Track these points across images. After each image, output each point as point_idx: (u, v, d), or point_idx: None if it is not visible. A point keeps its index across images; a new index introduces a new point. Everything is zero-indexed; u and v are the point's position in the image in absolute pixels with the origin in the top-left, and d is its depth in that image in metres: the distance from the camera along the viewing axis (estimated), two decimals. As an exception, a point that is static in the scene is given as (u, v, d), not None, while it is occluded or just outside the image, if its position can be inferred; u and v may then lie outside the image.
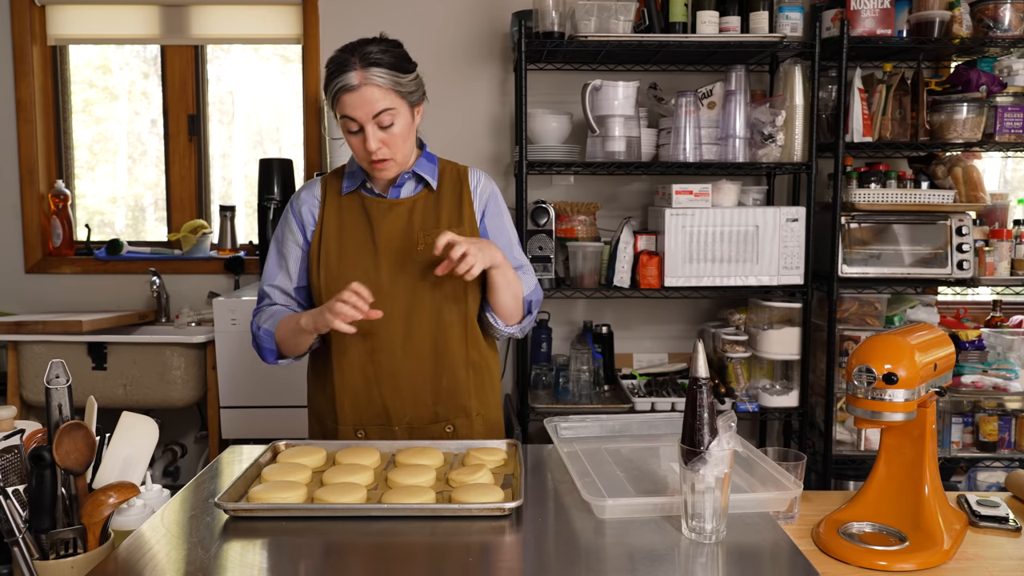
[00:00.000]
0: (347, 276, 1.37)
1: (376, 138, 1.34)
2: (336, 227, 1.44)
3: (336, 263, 1.42)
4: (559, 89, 2.75)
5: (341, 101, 1.32)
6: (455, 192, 1.47)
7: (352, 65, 1.30)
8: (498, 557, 0.95)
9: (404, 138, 1.37)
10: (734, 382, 2.53)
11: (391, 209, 1.43)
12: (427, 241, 1.41)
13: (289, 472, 1.16)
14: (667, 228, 2.36)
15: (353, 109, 1.32)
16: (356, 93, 1.30)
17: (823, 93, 2.44)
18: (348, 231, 1.44)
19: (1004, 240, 2.44)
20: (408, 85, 1.35)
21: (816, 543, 1.07)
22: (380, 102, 1.32)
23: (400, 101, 1.34)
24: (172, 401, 2.51)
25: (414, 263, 1.41)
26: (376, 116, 1.32)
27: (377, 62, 1.31)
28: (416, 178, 1.46)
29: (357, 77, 1.30)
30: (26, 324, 2.47)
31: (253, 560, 0.94)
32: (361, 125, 1.33)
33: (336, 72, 1.31)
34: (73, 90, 3.01)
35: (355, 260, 1.42)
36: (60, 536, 0.97)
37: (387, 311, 1.37)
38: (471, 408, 1.47)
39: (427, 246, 1.40)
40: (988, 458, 2.49)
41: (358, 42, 1.34)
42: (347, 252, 1.43)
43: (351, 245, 1.43)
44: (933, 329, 1.14)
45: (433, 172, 1.47)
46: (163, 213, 3.03)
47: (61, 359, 1.03)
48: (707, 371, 1.00)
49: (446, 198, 1.46)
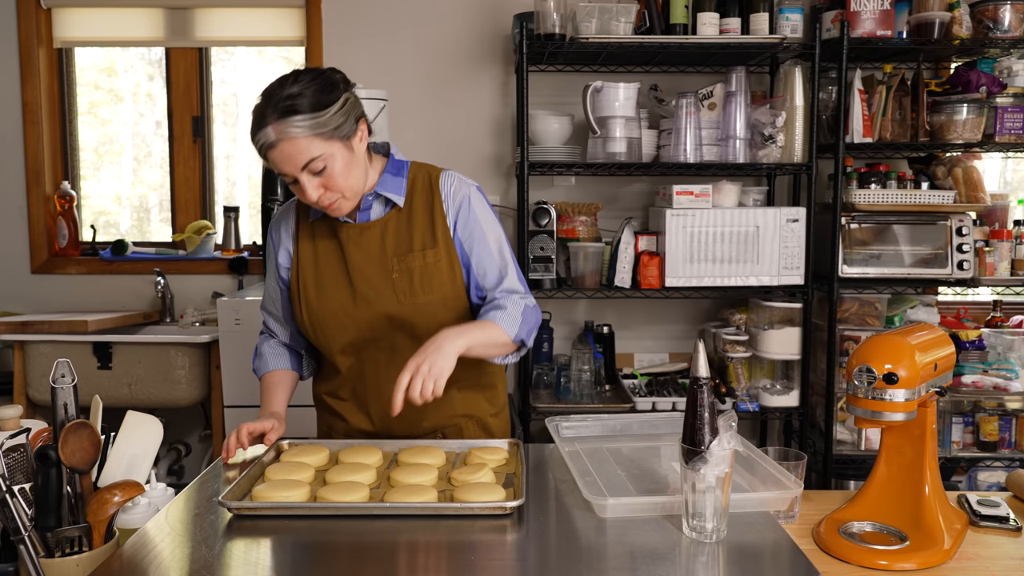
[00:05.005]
0: (326, 313, 1.36)
1: (313, 186, 1.24)
2: (312, 258, 1.39)
3: (315, 299, 1.38)
4: (560, 90, 2.75)
5: (267, 158, 1.22)
6: (426, 205, 1.37)
7: (268, 118, 1.19)
8: (500, 556, 0.95)
9: (345, 176, 1.26)
10: (735, 382, 2.53)
11: (362, 234, 1.35)
12: (401, 268, 1.34)
13: (292, 471, 1.17)
14: (668, 228, 2.36)
15: (279, 165, 1.22)
16: (277, 149, 1.20)
17: (823, 94, 2.44)
18: (323, 262, 1.38)
19: (1004, 240, 2.44)
20: (333, 120, 1.22)
21: (817, 542, 1.08)
22: (303, 153, 1.21)
23: (327, 143, 1.22)
24: (176, 400, 2.52)
25: (391, 292, 1.34)
26: (304, 168, 1.22)
27: (292, 109, 1.19)
28: (382, 199, 1.36)
29: (274, 132, 1.19)
30: (32, 324, 2.48)
31: (256, 558, 0.95)
32: (294, 177, 1.24)
33: (254, 127, 1.21)
34: (79, 92, 3.02)
35: (332, 293, 1.37)
36: (65, 534, 0.98)
37: (369, 344, 1.37)
38: (465, 428, 1.45)
39: (402, 273, 1.34)
40: (988, 458, 2.49)
41: (274, 86, 1.22)
42: (324, 286, 1.38)
43: (327, 277, 1.38)
44: (933, 329, 1.14)
45: (400, 187, 1.36)
46: (168, 214, 3.05)
47: (67, 359, 1.04)
48: (708, 371, 1.01)
49: (418, 214, 1.36)
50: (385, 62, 2.80)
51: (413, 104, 2.80)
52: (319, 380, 1.52)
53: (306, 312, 1.38)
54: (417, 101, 2.80)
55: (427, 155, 2.80)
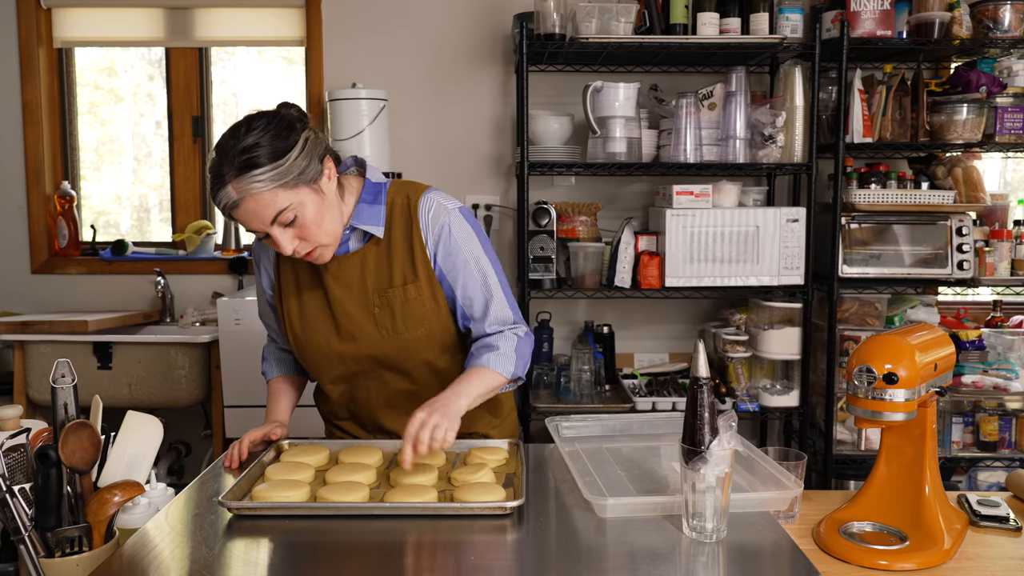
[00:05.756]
0: (312, 347, 1.34)
1: (287, 239, 1.18)
2: (294, 288, 1.35)
3: (301, 331, 1.35)
4: (560, 90, 2.75)
5: (232, 217, 1.16)
6: (405, 236, 1.30)
7: (226, 177, 1.12)
8: (500, 556, 0.95)
9: (319, 223, 1.19)
10: (735, 382, 2.53)
11: (340, 267, 1.30)
12: (383, 303, 1.30)
13: (292, 471, 1.17)
14: (668, 228, 2.36)
15: (247, 223, 1.16)
16: (241, 208, 1.14)
17: (823, 94, 2.44)
18: (305, 294, 1.34)
19: (1004, 240, 2.44)
20: (296, 166, 1.15)
21: (817, 542, 1.08)
22: (269, 208, 1.14)
23: (294, 191, 1.15)
24: (177, 400, 2.52)
25: (374, 327, 1.30)
26: (273, 222, 1.16)
27: (249, 163, 1.12)
28: (360, 231, 1.30)
29: (235, 190, 1.12)
30: (32, 324, 2.48)
31: (256, 558, 0.95)
32: (265, 232, 1.18)
33: (213, 186, 1.14)
34: (79, 92, 3.02)
35: (316, 328, 1.33)
36: (66, 534, 0.98)
37: (357, 376, 1.37)
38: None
39: (383, 308, 1.30)
40: (988, 458, 2.49)
41: (226, 137, 1.15)
42: (308, 319, 1.34)
43: (310, 309, 1.34)
44: (933, 329, 1.14)
45: (378, 216, 1.28)
46: (168, 214, 3.05)
47: (67, 359, 1.04)
48: (708, 371, 1.01)
49: (397, 245, 1.30)
50: (385, 62, 2.80)
51: (413, 104, 2.80)
52: (319, 398, 1.52)
53: (293, 342, 1.38)
54: (417, 101, 2.80)
55: (427, 155, 2.82)
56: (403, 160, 2.80)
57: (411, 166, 2.81)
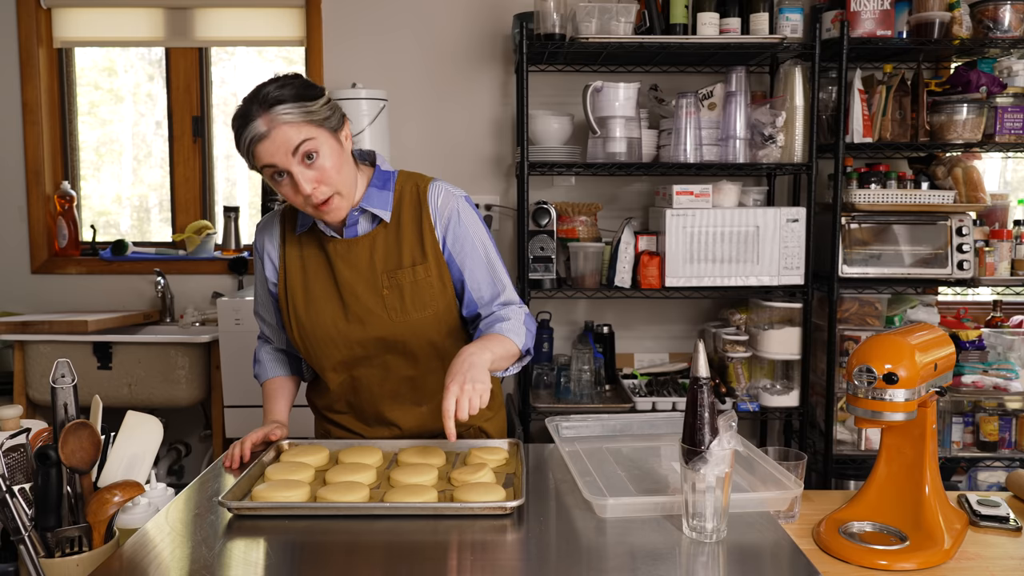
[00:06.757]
0: (318, 330, 1.35)
1: (306, 178, 1.22)
2: (300, 273, 1.38)
3: (305, 316, 1.37)
4: (560, 90, 2.75)
5: (256, 153, 1.21)
6: (415, 219, 1.35)
7: (255, 113, 1.20)
8: (500, 556, 0.95)
9: (338, 169, 1.25)
10: (735, 382, 2.53)
11: (350, 250, 1.34)
12: (392, 284, 1.33)
13: (292, 471, 1.17)
14: (668, 228, 2.36)
15: (271, 156, 1.21)
16: (268, 139, 1.20)
17: (823, 94, 2.44)
18: (312, 277, 1.37)
19: (1004, 240, 2.44)
20: (320, 111, 1.23)
21: (817, 542, 1.08)
22: (295, 137, 1.20)
23: (317, 130, 1.22)
24: (176, 400, 2.52)
25: (382, 309, 1.33)
26: (296, 153, 1.21)
27: (279, 99, 1.20)
28: (369, 214, 1.34)
29: (264, 123, 1.19)
30: (32, 324, 2.48)
31: (256, 558, 0.95)
32: (285, 170, 1.22)
33: (242, 126, 1.21)
34: (79, 92, 3.02)
35: (323, 310, 1.35)
36: (65, 534, 0.98)
37: (360, 361, 1.37)
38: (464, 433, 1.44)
39: (392, 289, 1.33)
40: (988, 458, 2.49)
41: (254, 89, 1.23)
42: (314, 303, 1.36)
43: (317, 292, 1.36)
44: (933, 329, 1.14)
45: (386, 201, 1.34)
46: (168, 214, 3.05)
47: (67, 359, 1.04)
48: (708, 371, 1.01)
49: (407, 228, 1.34)
50: (385, 62, 2.80)
51: (413, 104, 2.80)
52: (314, 392, 1.52)
53: (297, 329, 1.38)
54: (417, 101, 2.80)
55: (427, 155, 2.82)
56: (403, 160, 2.80)
57: (411, 166, 2.75)
